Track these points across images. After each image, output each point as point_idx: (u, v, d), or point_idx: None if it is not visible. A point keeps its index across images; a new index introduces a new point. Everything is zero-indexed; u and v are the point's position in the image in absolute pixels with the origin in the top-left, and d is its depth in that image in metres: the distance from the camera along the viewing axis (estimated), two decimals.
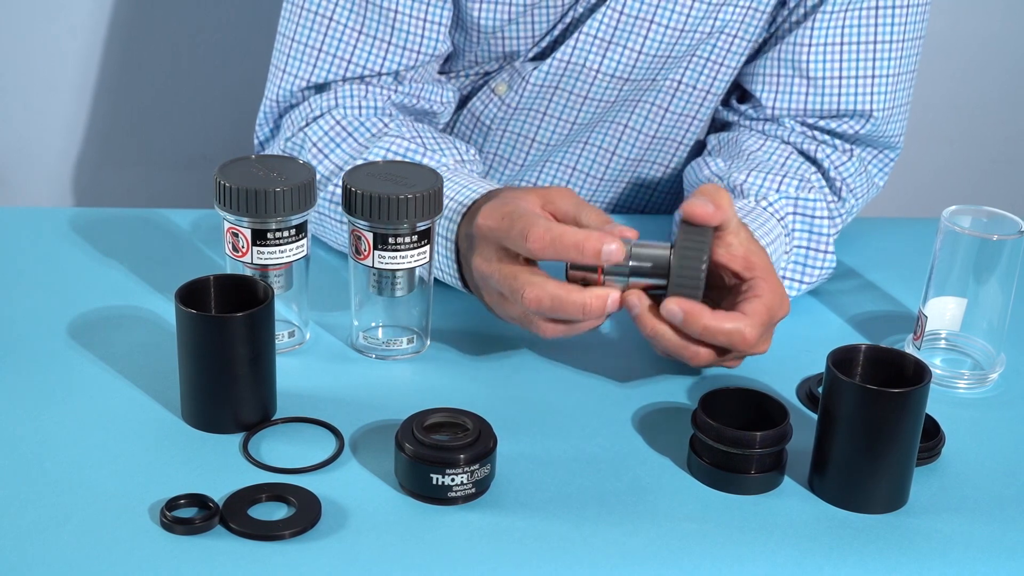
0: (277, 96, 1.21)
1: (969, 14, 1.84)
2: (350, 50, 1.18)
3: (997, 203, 1.11)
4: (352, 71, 1.19)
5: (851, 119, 1.23)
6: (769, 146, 1.23)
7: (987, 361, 1.08)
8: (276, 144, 1.21)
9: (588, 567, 0.85)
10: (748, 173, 1.18)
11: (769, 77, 1.24)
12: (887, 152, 1.27)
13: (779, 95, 1.23)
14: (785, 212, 1.15)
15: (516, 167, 1.33)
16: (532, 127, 1.29)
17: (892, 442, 0.89)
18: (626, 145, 1.32)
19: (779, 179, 1.17)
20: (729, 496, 0.92)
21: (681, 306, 0.94)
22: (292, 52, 1.19)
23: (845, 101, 1.22)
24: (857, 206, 1.26)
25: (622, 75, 1.23)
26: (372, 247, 1.01)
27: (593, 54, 1.22)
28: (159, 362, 1.03)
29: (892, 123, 1.24)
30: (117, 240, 1.23)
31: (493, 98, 1.27)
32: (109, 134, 1.78)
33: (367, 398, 1.01)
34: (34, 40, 1.71)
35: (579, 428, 0.99)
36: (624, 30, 1.21)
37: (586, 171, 1.34)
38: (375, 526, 0.87)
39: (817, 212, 1.16)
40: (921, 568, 0.86)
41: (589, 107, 1.27)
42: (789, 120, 1.24)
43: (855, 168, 1.23)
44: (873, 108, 1.22)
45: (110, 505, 0.87)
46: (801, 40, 1.21)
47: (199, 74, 1.75)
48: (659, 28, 1.20)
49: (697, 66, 1.26)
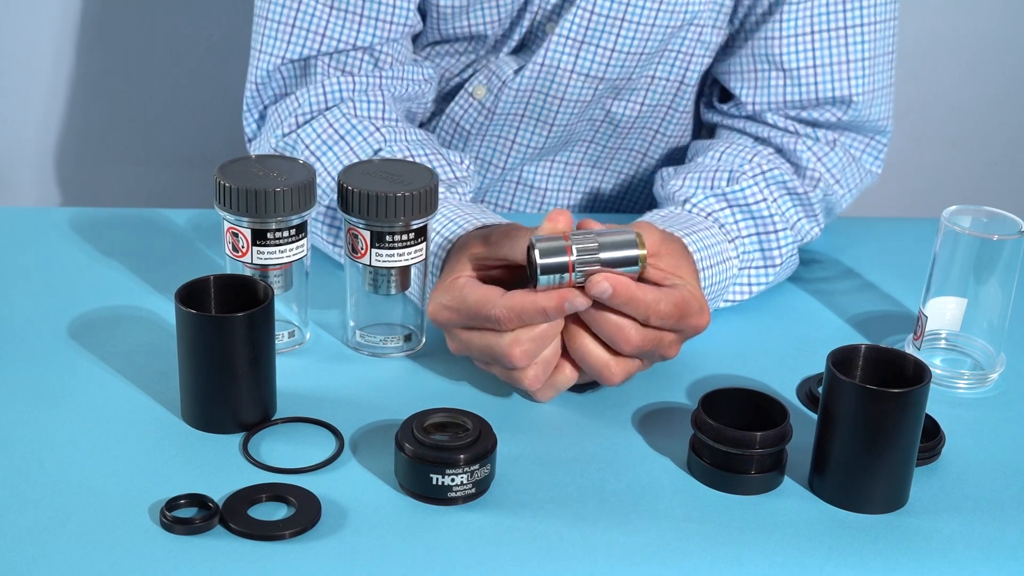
0: (256, 78, 1.22)
1: (969, 14, 1.84)
2: (323, 24, 1.19)
3: (997, 203, 1.11)
4: (327, 45, 1.19)
5: (832, 106, 1.23)
6: (726, 149, 1.23)
7: (987, 361, 1.08)
8: (266, 137, 1.21)
9: (588, 567, 0.85)
10: (683, 178, 1.19)
11: (746, 73, 1.24)
12: (877, 138, 1.27)
13: (757, 90, 1.24)
14: (713, 208, 1.15)
15: (498, 169, 1.33)
16: (512, 130, 1.29)
17: (892, 442, 0.89)
18: (603, 136, 1.33)
19: (711, 175, 1.18)
20: (729, 496, 0.92)
21: (608, 280, 0.94)
22: (267, 30, 1.20)
23: (823, 89, 1.22)
24: (849, 195, 1.26)
25: (597, 74, 1.24)
26: (369, 245, 1.01)
27: (567, 55, 1.23)
28: (159, 362, 1.03)
29: (875, 106, 1.24)
30: (117, 240, 1.23)
31: (472, 102, 1.28)
32: (108, 134, 1.79)
33: (367, 398, 1.01)
34: (34, 40, 1.71)
35: (579, 428, 0.99)
36: (596, 29, 1.21)
37: (564, 160, 1.35)
38: (375, 526, 0.87)
39: (751, 198, 1.15)
40: (921, 568, 0.86)
41: (566, 108, 1.27)
42: (771, 115, 1.24)
43: (839, 158, 1.23)
44: (852, 93, 1.22)
45: (110, 505, 0.87)
46: (772, 33, 1.22)
47: (199, 74, 1.75)
48: (631, 25, 1.21)
49: (668, 59, 1.27)
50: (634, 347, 0.95)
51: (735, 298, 1.15)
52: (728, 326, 1.14)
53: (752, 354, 1.10)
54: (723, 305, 1.14)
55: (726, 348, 1.11)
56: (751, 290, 1.15)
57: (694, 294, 0.98)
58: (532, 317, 0.94)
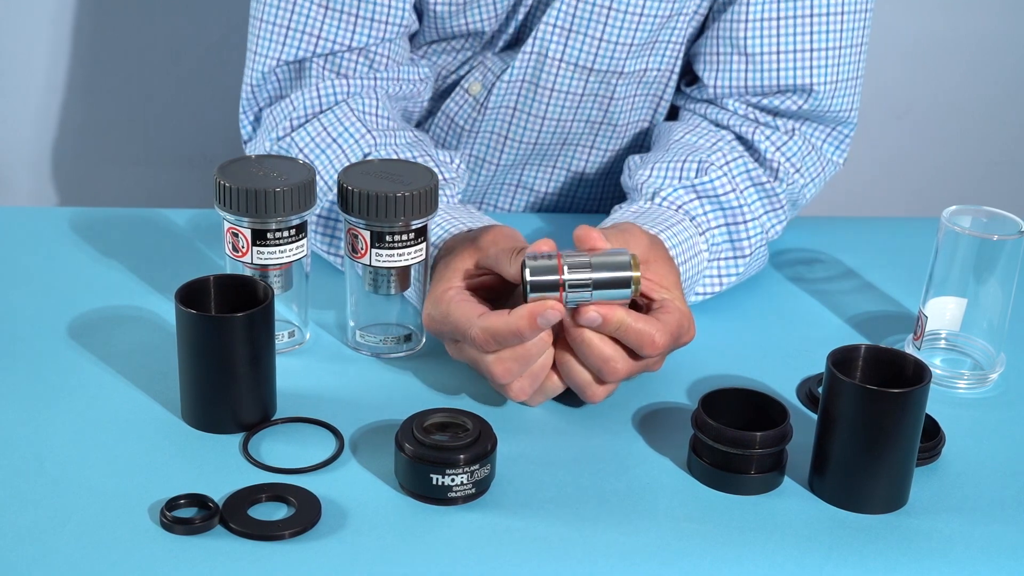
0: (252, 80, 1.22)
1: (969, 14, 1.84)
2: (318, 25, 1.18)
3: (997, 203, 1.11)
4: (322, 47, 1.19)
5: (793, 94, 1.22)
6: (687, 133, 1.22)
7: (987, 361, 1.08)
8: (261, 140, 1.21)
9: (588, 567, 0.85)
10: (651, 168, 1.18)
11: (709, 56, 1.23)
12: (840, 128, 1.26)
13: (719, 74, 1.23)
14: (683, 200, 1.14)
15: (493, 167, 1.33)
16: (505, 125, 1.29)
17: (892, 442, 0.89)
18: (603, 139, 1.32)
19: (679, 165, 1.17)
20: (729, 496, 0.92)
21: (599, 311, 0.94)
22: (262, 32, 1.20)
23: (784, 76, 1.21)
24: (811, 186, 1.25)
25: (585, 64, 1.24)
26: (369, 245, 1.01)
27: (555, 43, 1.23)
28: (159, 362, 1.03)
29: (838, 97, 1.23)
30: (117, 240, 1.23)
31: (468, 99, 1.28)
32: (108, 134, 1.78)
33: (367, 398, 1.01)
34: (34, 40, 1.71)
35: (579, 428, 0.99)
36: (583, 18, 1.21)
37: (566, 167, 1.35)
38: (375, 526, 0.87)
39: (720, 190, 1.15)
40: (921, 568, 0.86)
41: (557, 100, 1.27)
42: (732, 101, 1.23)
43: (798, 147, 1.22)
44: (813, 82, 1.21)
45: (110, 505, 0.87)
46: (737, 17, 1.21)
47: (199, 74, 1.75)
48: (618, 14, 1.21)
49: (660, 50, 1.26)
50: (621, 378, 0.97)
51: (706, 291, 1.15)
52: (728, 326, 1.14)
53: (752, 354, 1.10)
54: (694, 299, 1.14)
55: (726, 348, 1.11)
56: (721, 282, 1.15)
57: (683, 312, 0.98)
58: (507, 339, 0.94)
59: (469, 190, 1.35)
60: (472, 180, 1.34)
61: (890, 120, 1.89)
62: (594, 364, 0.96)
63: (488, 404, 1.01)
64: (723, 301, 1.17)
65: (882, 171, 1.92)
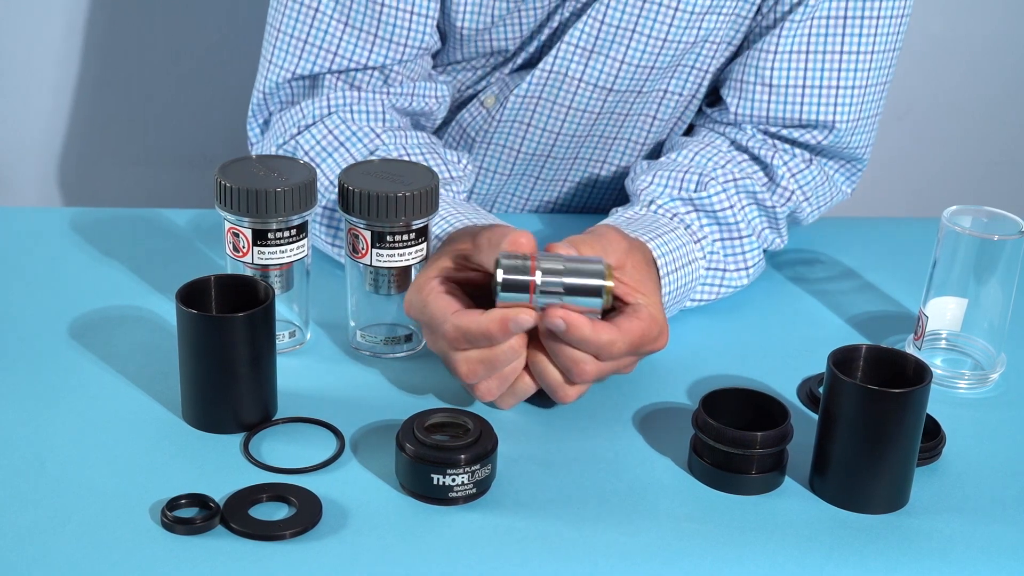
0: (264, 87, 1.21)
1: (969, 14, 1.84)
2: (336, 42, 1.18)
3: (997, 203, 1.11)
4: (338, 64, 1.18)
5: (814, 129, 1.21)
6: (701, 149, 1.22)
7: (988, 361, 1.08)
8: (268, 145, 1.21)
9: (588, 567, 0.85)
10: (653, 175, 1.18)
11: (735, 82, 1.23)
12: (854, 163, 1.26)
13: (742, 101, 1.22)
14: (679, 211, 1.14)
15: (502, 177, 1.32)
16: (516, 138, 1.29)
17: (893, 442, 0.89)
18: (616, 154, 1.32)
19: (680, 176, 1.17)
20: (729, 496, 0.92)
21: (565, 318, 0.93)
22: (278, 43, 1.19)
23: (807, 111, 1.20)
24: (816, 212, 1.24)
25: (605, 85, 1.23)
26: (370, 245, 1.01)
27: (575, 63, 1.22)
28: (159, 362, 1.03)
29: (857, 135, 1.23)
30: (117, 240, 1.23)
31: (481, 110, 1.27)
32: (109, 134, 1.78)
33: (368, 398, 1.01)
34: (34, 40, 1.71)
35: (579, 428, 0.99)
36: (606, 40, 1.20)
37: (576, 180, 1.34)
38: (376, 526, 0.87)
39: (717, 205, 1.15)
40: (921, 568, 0.86)
41: (573, 118, 1.26)
42: (751, 128, 1.22)
43: (813, 177, 1.22)
44: (836, 119, 1.20)
45: (110, 505, 0.87)
46: (767, 47, 1.20)
47: (199, 74, 1.75)
48: (641, 38, 1.20)
49: (683, 74, 1.25)
50: (590, 379, 0.96)
51: (703, 298, 1.15)
52: (728, 326, 1.14)
53: (753, 354, 1.10)
54: (690, 304, 1.14)
55: (727, 348, 1.11)
56: (719, 292, 1.15)
57: (655, 318, 0.97)
58: (477, 339, 0.94)
59: (478, 199, 1.35)
60: (482, 189, 1.34)
61: (890, 120, 1.89)
62: (564, 365, 0.95)
63: (489, 404, 1.01)
64: (723, 301, 1.17)
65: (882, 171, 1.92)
